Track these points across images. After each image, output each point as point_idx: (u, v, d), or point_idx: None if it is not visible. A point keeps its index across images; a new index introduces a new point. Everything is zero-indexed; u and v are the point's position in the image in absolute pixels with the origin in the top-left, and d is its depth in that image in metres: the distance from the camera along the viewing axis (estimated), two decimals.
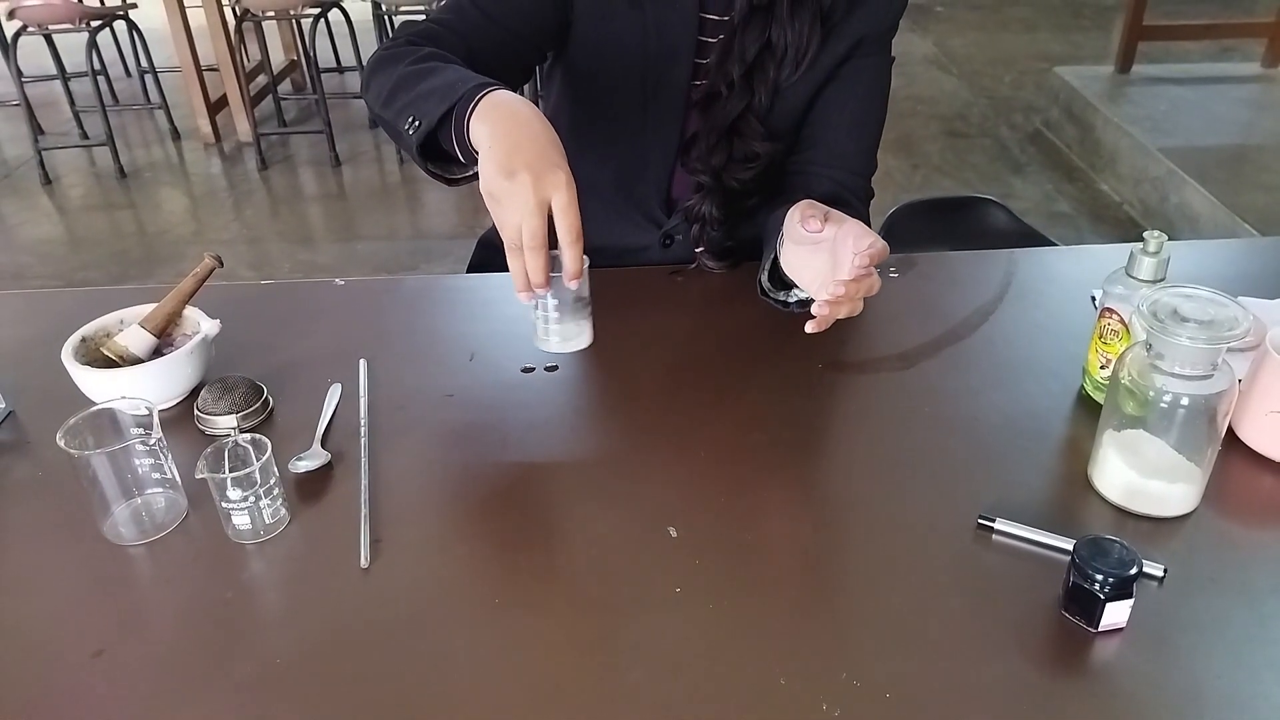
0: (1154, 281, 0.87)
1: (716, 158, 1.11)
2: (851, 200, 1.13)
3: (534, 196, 0.78)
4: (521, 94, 0.96)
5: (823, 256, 0.90)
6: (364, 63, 4.35)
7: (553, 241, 0.81)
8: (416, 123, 0.90)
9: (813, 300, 0.88)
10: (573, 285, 0.84)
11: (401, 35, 1.03)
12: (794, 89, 1.10)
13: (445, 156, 0.93)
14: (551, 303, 0.87)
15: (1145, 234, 0.87)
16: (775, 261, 1.00)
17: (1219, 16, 5.20)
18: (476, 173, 0.91)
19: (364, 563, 0.78)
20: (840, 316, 0.85)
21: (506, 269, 1.23)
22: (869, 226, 1.19)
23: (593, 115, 1.16)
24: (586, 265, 0.86)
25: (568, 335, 0.90)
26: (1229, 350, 0.75)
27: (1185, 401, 0.76)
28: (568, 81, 1.16)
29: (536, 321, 0.90)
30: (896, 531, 0.81)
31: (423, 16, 4.41)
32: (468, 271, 1.37)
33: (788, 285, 1.01)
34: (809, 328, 0.85)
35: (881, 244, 0.83)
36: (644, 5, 1.06)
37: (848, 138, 1.15)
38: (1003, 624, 0.72)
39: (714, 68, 1.07)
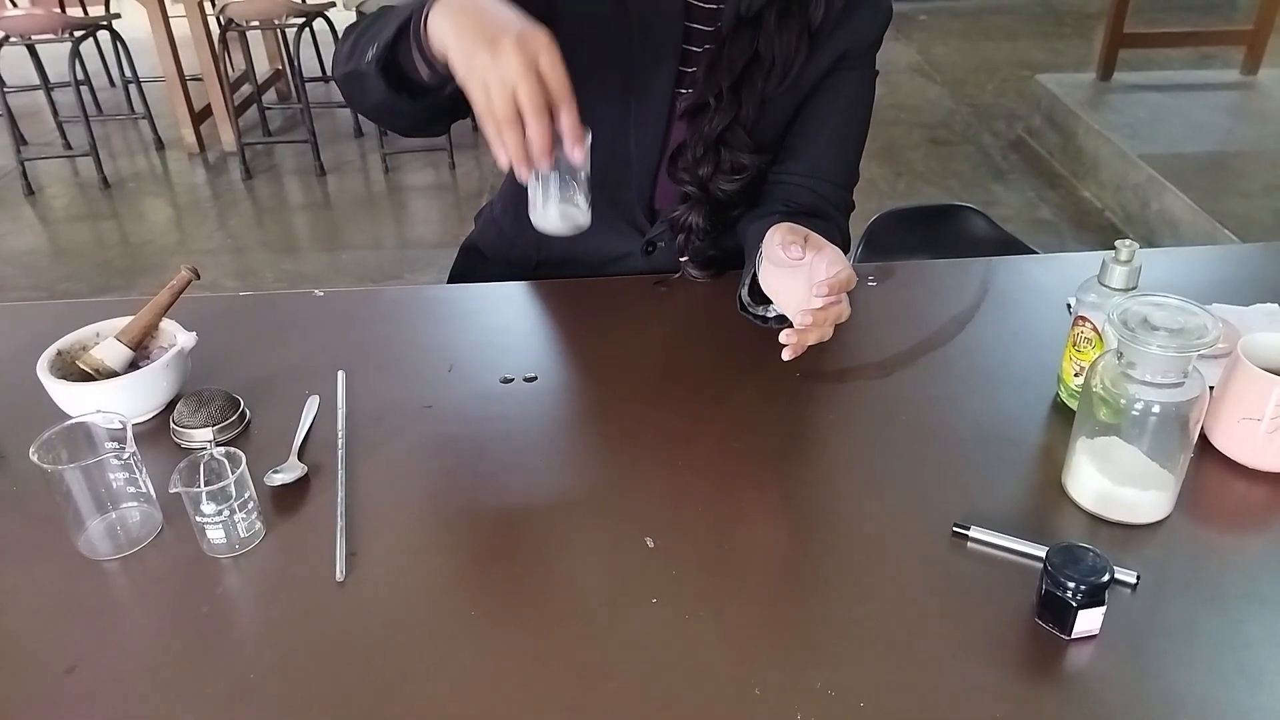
0: (1126, 290, 0.88)
1: (704, 168, 1.11)
2: (831, 212, 1.14)
3: (522, 55, 0.76)
4: None
5: (800, 280, 0.90)
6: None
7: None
8: (373, 45, 0.88)
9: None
10: (577, 156, 0.80)
11: None
12: (778, 101, 1.11)
13: (416, 89, 0.90)
14: (554, 177, 0.83)
15: (1117, 242, 0.88)
16: (754, 276, 1.00)
17: (1199, 24, 5.26)
18: (446, 94, 0.88)
19: (340, 576, 0.77)
20: (811, 342, 0.86)
21: (488, 278, 1.25)
22: (848, 238, 1.20)
23: None
24: (589, 137, 0.82)
25: (568, 214, 0.85)
26: (1200, 357, 0.76)
27: (1156, 409, 0.77)
28: None
29: (536, 199, 0.85)
30: (872, 540, 0.81)
31: None
32: (449, 278, 1.36)
33: (767, 300, 1.02)
34: (784, 355, 0.85)
35: (848, 273, 0.84)
36: (629, 7, 1.06)
37: (829, 150, 1.15)
38: (977, 632, 0.72)
39: (702, 79, 1.08)
